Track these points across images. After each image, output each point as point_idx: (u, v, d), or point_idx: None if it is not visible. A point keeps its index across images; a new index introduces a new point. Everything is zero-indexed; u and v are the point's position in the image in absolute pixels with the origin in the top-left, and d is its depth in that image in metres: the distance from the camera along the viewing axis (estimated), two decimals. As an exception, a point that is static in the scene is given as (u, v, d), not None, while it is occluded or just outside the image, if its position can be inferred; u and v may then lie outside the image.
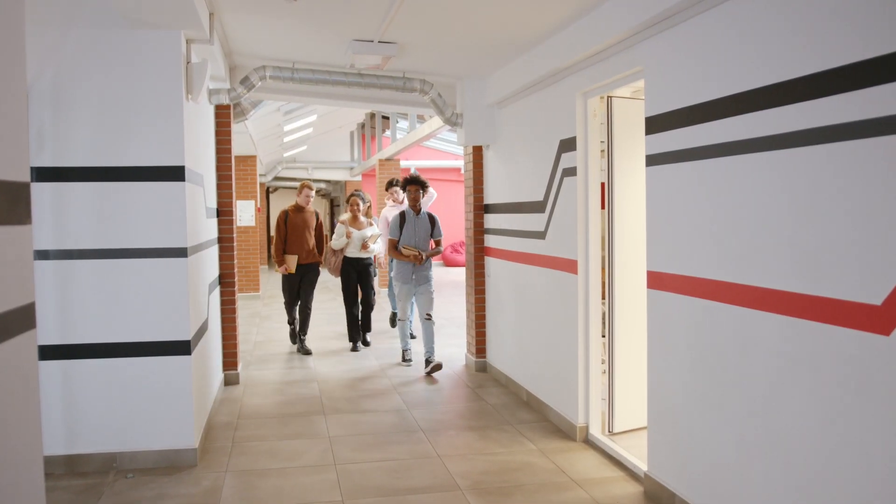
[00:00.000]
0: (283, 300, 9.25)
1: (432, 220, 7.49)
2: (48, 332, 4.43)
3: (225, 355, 6.76)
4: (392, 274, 7.27)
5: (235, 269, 6.83)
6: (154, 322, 4.56)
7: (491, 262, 7.14)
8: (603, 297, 5.13)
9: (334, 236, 8.40)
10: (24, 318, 1.95)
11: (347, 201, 8.79)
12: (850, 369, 2.70)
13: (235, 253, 6.89)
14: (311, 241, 8.45)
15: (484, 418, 5.63)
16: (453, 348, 8.43)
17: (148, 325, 4.56)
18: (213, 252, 6.29)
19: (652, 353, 4.12)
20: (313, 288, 8.59)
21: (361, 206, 8.68)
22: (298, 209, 8.49)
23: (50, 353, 4.44)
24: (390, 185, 9.33)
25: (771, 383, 3.12)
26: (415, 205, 7.38)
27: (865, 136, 2.59)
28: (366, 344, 8.76)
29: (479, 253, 7.35)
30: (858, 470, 2.67)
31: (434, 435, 5.29)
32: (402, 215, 7.37)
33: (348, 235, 8.34)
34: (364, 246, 8.37)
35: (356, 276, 8.51)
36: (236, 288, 6.83)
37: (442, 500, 4.10)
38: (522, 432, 5.31)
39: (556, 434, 5.27)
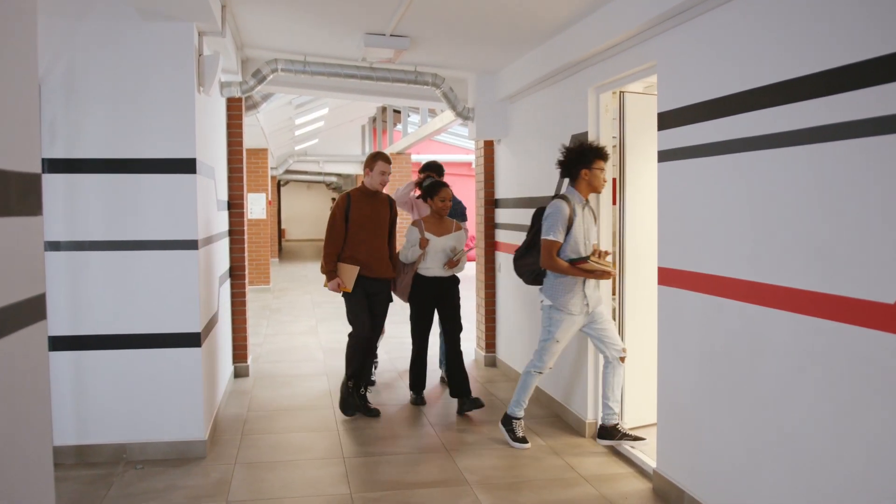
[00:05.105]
0: (292, 295, 8.11)
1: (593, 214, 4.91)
2: (60, 322, 4.45)
3: (235, 348, 6.79)
4: (548, 302, 4.72)
5: (246, 262, 6.85)
6: (164, 314, 4.57)
7: (501, 257, 7.13)
8: (613, 293, 5.11)
9: (405, 244, 5.70)
10: (34, 309, 1.95)
11: (430, 193, 5.76)
12: (862, 368, 2.68)
13: (246, 246, 6.91)
14: (386, 245, 5.67)
15: (493, 413, 5.62)
16: (463, 343, 8.41)
17: (158, 317, 4.57)
18: (224, 244, 6.31)
19: (662, 350, 4.10)
20: (385, 316, 5.78)
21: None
22: (367, 194, 5.60)
23: (61, 343, 4.46)
24: (428, 168, 6.52)
25: (782, 381, 3.09)
26: (596, 189, 4.74)
27: (880, 133, 2.56)
28: (475, 405, 5.62)
29: (490, 247, 7.33)
30: (871, 469, 2.65)
31: (443, 429, 5.29)
32: (569, 203, 4.65)
33: (423, 244, 5.65)
34: (451, 263, 5.69)
35: (433, 300, 5.78)
36: (247, 280, 6.85)
37: (450, 495, 4.10)
38: (531, 427, 5.29)
39: (565, 430, 5.26)
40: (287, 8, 5.02)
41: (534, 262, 4.83)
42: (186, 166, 4.54)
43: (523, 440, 4.89)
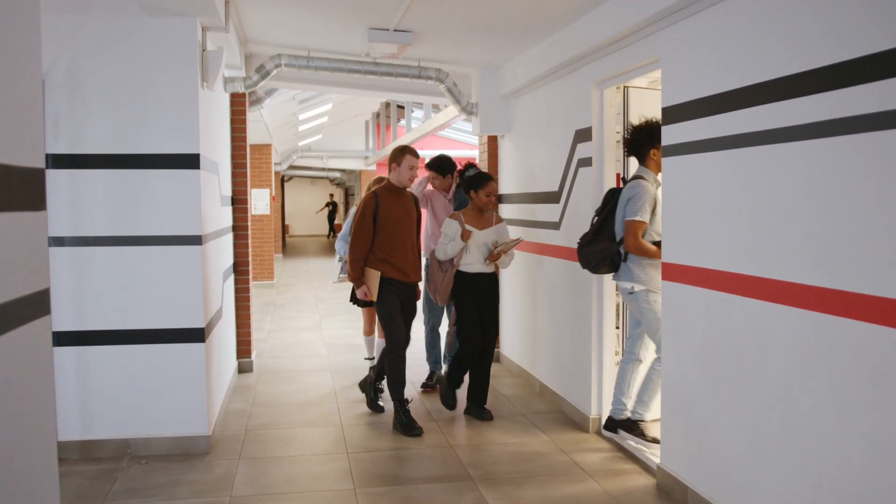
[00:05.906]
0: (296, 291, 8.12)
1: None
2: (64, 318, 4.46)
3: (239, 343, 6.79)
4: (642, 287, 4.42)
5: (250, 257, 6.86)
6: (168, 309, 4.58)
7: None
8: (617, 289, 5.10)
9: (441, 238, 5.37)
10: (38, 304, 1.95)
11: (474, 185, 5.37)
12: (867, 364, 2.67)
13: (250, 241, 6.91)
14: (415, 246, 5.27)
15: (496, 409, 5.62)
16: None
17: (162, 313, 4.57)
18: (228, 240, 6.31)
19: (667, 345, 4.10)
20: (413, 318, 5.35)
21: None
22: (394, 191, 5.18)
23: (65, 339, 4.47)
24: (436, 163, 6.20)
25: (787, 377, 3.09)
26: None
27: (887, 128, 2.55)
28: (483, 415, 5.40)
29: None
30: (875, 465, 2.64)
31: (446, 425, 5.29)
32: (647, 184, 4.42)
33: (465, 237, 5.29)
34: (493, 257, 5.34)
35: (478, 297, 5.40)
36: (251, 276, 6.85)
37: (454, 490, 4.10)
38: (535, 423, 5.30)
39: (569, 425, 5.26)
40: (290, 3, 5.01)
41: (606, 246, 4.49)
42: (190, 162, 4.54)
43: (655, 440, 4.44)
